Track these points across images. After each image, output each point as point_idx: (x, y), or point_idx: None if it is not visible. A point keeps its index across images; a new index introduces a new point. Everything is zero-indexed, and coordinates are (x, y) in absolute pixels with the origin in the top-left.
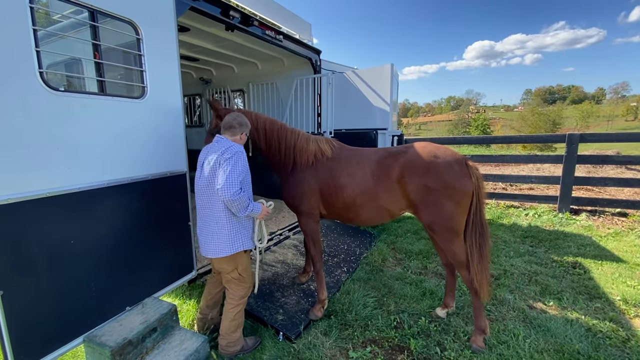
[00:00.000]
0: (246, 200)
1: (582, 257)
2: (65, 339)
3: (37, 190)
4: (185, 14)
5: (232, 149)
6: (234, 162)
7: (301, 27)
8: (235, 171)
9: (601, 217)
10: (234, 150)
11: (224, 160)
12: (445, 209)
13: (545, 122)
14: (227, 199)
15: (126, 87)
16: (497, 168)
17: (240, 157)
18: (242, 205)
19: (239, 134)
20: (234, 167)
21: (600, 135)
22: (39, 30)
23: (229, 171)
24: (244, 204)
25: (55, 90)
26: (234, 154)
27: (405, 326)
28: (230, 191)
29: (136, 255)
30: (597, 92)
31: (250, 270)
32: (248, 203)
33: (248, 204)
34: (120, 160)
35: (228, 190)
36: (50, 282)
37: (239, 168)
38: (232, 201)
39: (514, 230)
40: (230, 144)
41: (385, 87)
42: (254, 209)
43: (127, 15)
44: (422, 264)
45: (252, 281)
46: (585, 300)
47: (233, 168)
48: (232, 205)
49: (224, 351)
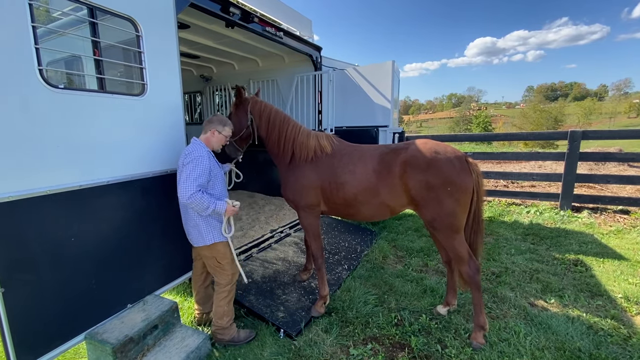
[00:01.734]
0: (204, 202)
1: (584, 255)
2: (67, 336)
3: (36, 188)
4: (185, 11)
5: (192, 154)
6: (192, 167)
7: (302, 24)
8: (191, 176)
9: (603, 215)
10: (193, 156)
11: (184, 165)
12: (446, 205)
13: (547, 120)
14: (182, 201)
15: (126, 84)
16: (499, 165)
17: (199, 161)
18: (201, 207)
19: (209, 132)
20: (191, 172)
21: (603, 132)
22: (39, 28)
23: (185, 177)
24: (203, 205)
25: (55, 87)
26: (192, 159)
27: (406, 323)
28: (185, 195)
29: (137, 253)
30: (600, 89)
31: (229, 260)
32: (208, 204)
33: (208, 204)
34: (120, 157)
35: (182, 194)
36: (52, 279)
37: (196, 173)
38: (188, 203)
39: (516, 227)
40: (193, 147)
41: (387, 84)
42: (216, 208)
43: (126, 12)
44: (423, 262)
45: (233, 270)
46: (586, 298)
47: (189, 173)
48: (190, 207)
49: (214, 337)
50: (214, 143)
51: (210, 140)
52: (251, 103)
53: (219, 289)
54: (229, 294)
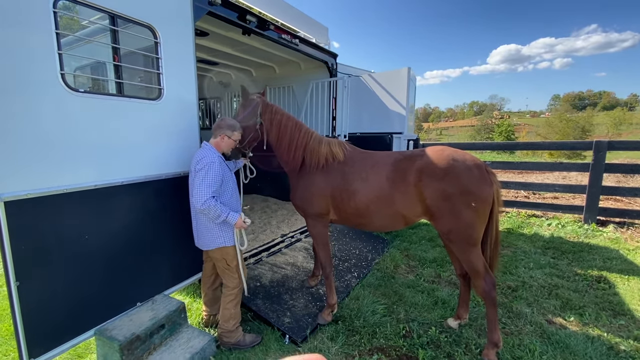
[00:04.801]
0: (217, 210)
1: (608, 271)
2: (78, 332)
3: (55, 187)
4: (203, 19)
5: (204, 160)
6: (204, 173)
7: (318, 31)
8: (204, 183)
9: (630, 230)
10: (205, 162)
11: (196, 171)
12: (464, 216)
13: (573, 129)
14: (197, 207)
15: (143, 88)
16: (520, 175)
17: (211, 167)
18: (214, 214)
19: (218, 136)
20: (204, 178)
21: (631, 142)
22: (63, 36)
23: (199, 183)
24: (216, 213)
25: (76, 91)
26: (204, 165)
27: (415, 335)
28: (199, 201)
29: (148, 252)
30: (630, 98)
31: (238, 264)
32: (220, 213)
33: (220, 213)
34: (135, 159)
35: (197, 200)
36: (66, 275)
37: (209, 179)
38: (202, 210)
39: (535, 240)
40: (205, 153)
41: (402, 91)
42: (227, 218)
43: (146, 20)
44: (436, 272)
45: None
46: (608, 317)
47: (203, 180)
48: (203, 213)
49: (220, 340)
50: (224, 147)
51: (220, 145)
52: (262, 106)
53: (227, 291)
54: (237, 297)
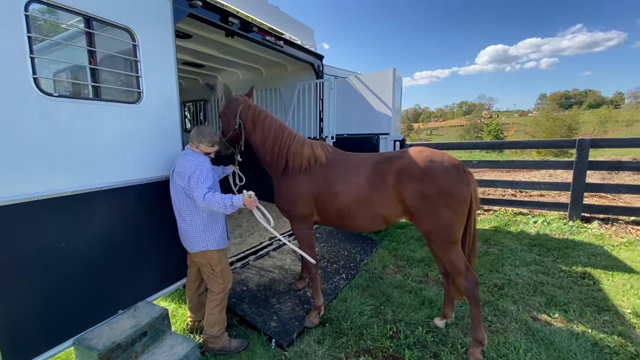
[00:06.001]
0: (218, 199)
1: (592, 267)
2: (56, 341)
3: (28, 194)
4: (184, 21)
5: (192, 164)
6: (197, 175)
7: (303, 33)
8: (199, 181)
9: (614, 226)
10: (194, 165)
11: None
12: (443, 216)
13: (560, 128)
14: (200, 205)
15: (122, 92)
16: (508, 174)
17: (202, 167)
18: (220, 204)
19: (196, 145)
20: (198, 179)
21: (614, 140)
22: (35, 38)
23: (194, 185)
24: (219, 202)
25: (50, 95)
26: (195, 168)
27: (402, 336)
28: (199, 198)
29: (130, 259)
30: (616, 96)
31: (224, 268)
32: (224, 200)
33: (224, 200)
34: (115, 164)
35: (198, 200)
36: (42, 284)
37: (203, 177)
38: (205, 206)
39: (521, 238)
40: (190, 156)
41: (388, 92)
42: (234, 202)
43: (123, 22)
44: (424, 272)
45: (228, 279)
46: (593, 313)
47: (197, 181)
48: (210, 208)
49: (205, 346)
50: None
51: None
52: (243, 107)
53: (212, 296)
54: (222, 302)
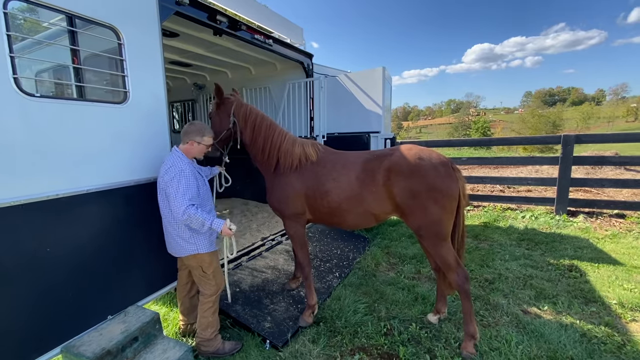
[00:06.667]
0: (199, 217)
1: (579, 260)
2: (42, 350)
3: (9, 198)
4: (171, 19)
5: (172, 170)
6: (176, 183)
7: (292, 32)
8: (179, 192)
9: (599, 219)
10: (174, 172)
11: (166, 182)
12: (432, 212)
13: (545, 124)
14: (179, 219)
15: (107, 92)
16: (496, 170)
17: (181, 176)
18: (198, 223)
19: (187, 142)
20: (177, 188)
21: (597, 136)
22: (15, 37)
23: (174, 195)
24: (199, 221)
25: (32, 96)
26: (174, 175)
27: (396, 333)
28: (179, 212)
29: (119, 263)
30: (597, 93)
31: (215, 270)
32: (203, 220)
33: (204, 221)
34: (101, 166)
35: (177, 212)
36: (26, 291)
37: (182, 187)
38: (184, 220)
39: (510, 233)
40: (173, 161)
41: (378, 91)
42: (212, 225)
43: (107, 21)
44: (416, 269)
45: (219, 281)
46: (580, 305)
47: (177, 190)
48: (187, 223)
49: (198, 349)
50: (195, 153)
51: (191, 151)
52: (235, 105)
53: (204, 299)
54: (214, 304)
